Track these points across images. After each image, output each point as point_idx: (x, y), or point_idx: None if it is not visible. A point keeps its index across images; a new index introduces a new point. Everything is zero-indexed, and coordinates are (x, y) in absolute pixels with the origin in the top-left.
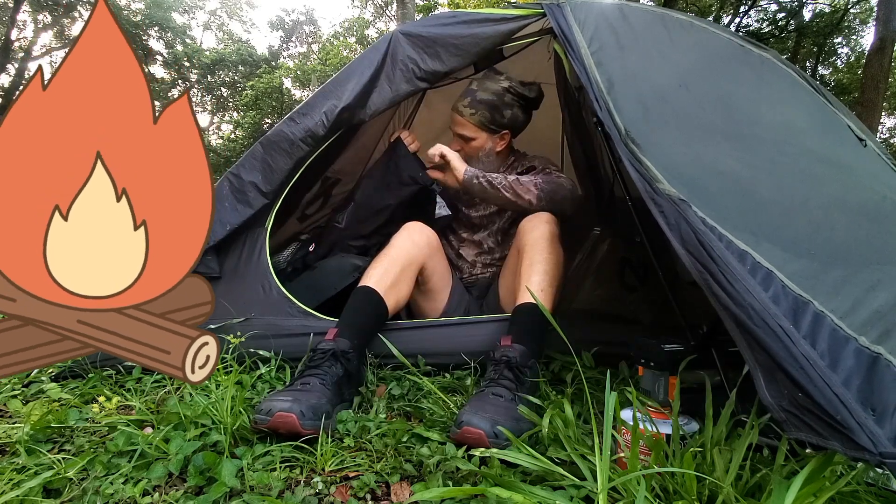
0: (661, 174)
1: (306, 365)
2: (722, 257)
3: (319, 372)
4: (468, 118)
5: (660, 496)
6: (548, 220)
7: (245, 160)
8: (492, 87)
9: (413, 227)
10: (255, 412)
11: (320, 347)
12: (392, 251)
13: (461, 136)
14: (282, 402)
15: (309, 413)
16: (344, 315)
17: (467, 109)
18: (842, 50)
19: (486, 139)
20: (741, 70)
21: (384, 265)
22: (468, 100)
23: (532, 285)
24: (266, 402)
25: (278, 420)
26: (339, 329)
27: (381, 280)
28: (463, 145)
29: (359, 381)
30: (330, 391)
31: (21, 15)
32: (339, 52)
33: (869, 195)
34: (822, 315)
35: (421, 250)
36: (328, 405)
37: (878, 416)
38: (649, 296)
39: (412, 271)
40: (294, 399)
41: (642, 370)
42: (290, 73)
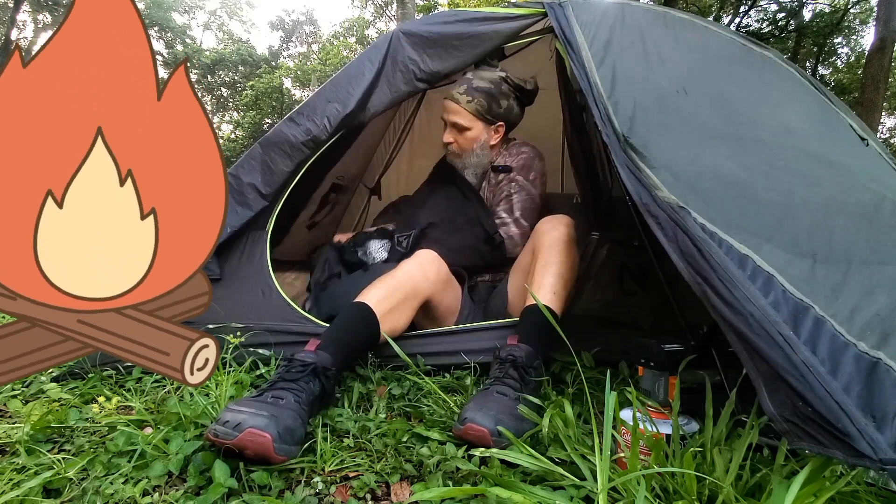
0: (662, 177)
1: (281, 375)
2: (721, 264)
3: (295, 387)
4: (464, 105)
5: (660, 496)
6: (566, 223)
7: (244, 161)
8: (488, 76)
9: (426, 258)
10: (217, 423)
11: (299, 358)
12: (399, 276)
13: (455, 124)
14: (255, 416)
15: (286, 436)
16: (332, 328)
17: (464, 97)
18: (842, 50)
19: (482, 130)
20: (742, 70)
21: (388, 288)
22: (464, 87)
23: (544, 287)
24: (231, 413)
25: (248, 438)
26: (323, 342)
27: (380, 302)
28: (457, 136)
29: (329, 402)
30: (305, 411)
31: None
32: (339, 53)
33: (869, 196)
34: (822, 320)
35: (430, 284)
36: (301, 429)
37: (878, 422)
38: (649, 300)
39: (415, 302)
40: (270, 416)
41: (642, 370)
42: (290, 73)
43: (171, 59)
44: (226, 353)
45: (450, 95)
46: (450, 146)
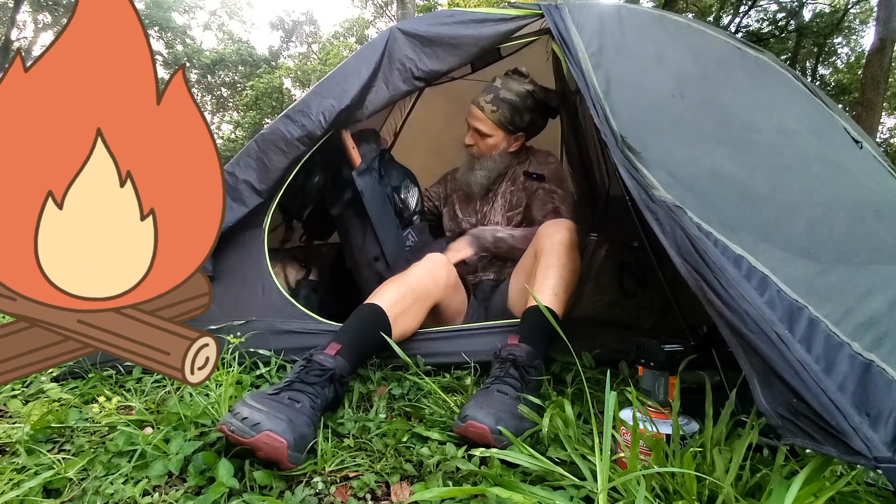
0: (659, 177)
1: (299, 376)
2: (717, 263)
3: (312, 391)
4: (488, 115)
5: (660, 496)
6: (568, 227)
7: (240, 158)
8: (515, 88)
9: (436, 262)
10: (233, 415)
11: (318, 361)
12: (411, 279)
13: (477, 130)
14: (273, 418)
15: (300, 444)
16: (348, 331)
17: (489, 105)
18: (842, 50)
19: (502, 138)
20: (737, 73)
21: (400, 290)
22: (491, 96)
23: (546, 289)
24: (248, 409)
25: (265, 441)
26: (342, 346)
27: (393, 305)
28: (477, 140)
29: (336, 408)
30: (317, 417)
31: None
32: (339, 53)
33: (867, 194)
34: (816, 320)
35: (440, 289)
36: (312, 437)
37: (872, 421)
38: (649, 301)
39: (426, 306)
40: (288, 421)
41: (642, 370)
42: (290, 73)
43: (171, 59)
44: (226, 353)
45: (476, 102)
46: (470, 148)
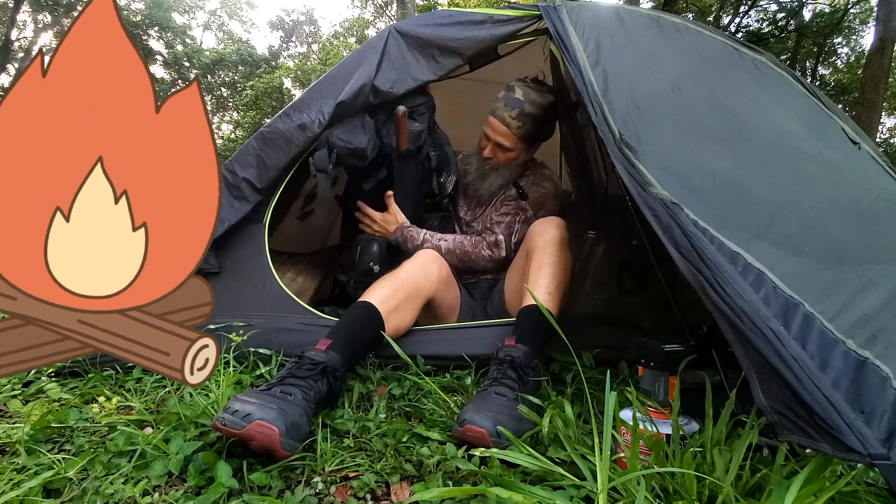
0: (656, 174)
1: (291, 371)
2: (713, 259)
3: (304, 384)
4: (514, 131)
5: (660, 496)
6: (558, 224)
7: (239, 156)
8: (539, 102)
9: (427, 257)
10: (225, 411)
11: (310, 356)
12: (402, 275)
13: (499, 144)
14: (264, 408)
15: (292, 431)
16: (340, 327)
17: (514, 122)
18: (842, 50)
19: (523, 151)
20: (735, 74)
21: (392, 287)
22: (516, 112)
23: (539, 288)
24: (240, 403)
25: (256, 430)
26: (334, 341)
27: (385, 301)
28: (496, 152)
29: (333, 403)
30: (311, 409)
31: (21, 15)
32: (340, 53)
33: (863, 194)
34: (812, 317)
35: (432, 284)
36: (306, 426)
37: (866, 418)
38: (648, 299)
39: (419, 302)
40: (278, 410)
41: (642, 370)
42: (290, 73)
43: (171, 59)
44: (226, 353)
45: (500, 117)
46: (488, 161)
